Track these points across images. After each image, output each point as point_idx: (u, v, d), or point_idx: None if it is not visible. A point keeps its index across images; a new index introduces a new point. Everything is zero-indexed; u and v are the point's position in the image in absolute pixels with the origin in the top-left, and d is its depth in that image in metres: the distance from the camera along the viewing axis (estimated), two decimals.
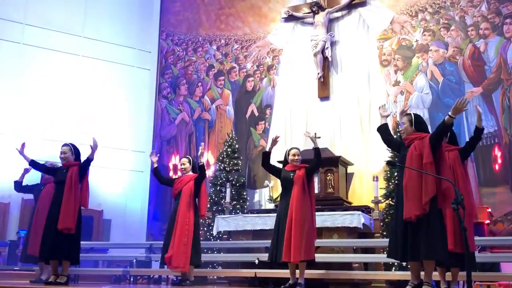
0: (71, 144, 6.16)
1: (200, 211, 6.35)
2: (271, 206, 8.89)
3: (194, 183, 6.31)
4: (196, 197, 6.32)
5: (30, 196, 9.69)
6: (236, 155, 9.90)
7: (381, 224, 7.71)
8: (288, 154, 6.01)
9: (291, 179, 5.79)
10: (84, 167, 6.03)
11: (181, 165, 6.55)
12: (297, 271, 5.68)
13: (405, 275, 5.91)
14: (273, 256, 5.65)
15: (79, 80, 10.95)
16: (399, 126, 5.49)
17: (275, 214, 6.70)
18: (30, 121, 10.33)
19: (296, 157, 5.93)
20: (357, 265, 6.74)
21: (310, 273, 6.03)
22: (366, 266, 7.04)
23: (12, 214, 9.83)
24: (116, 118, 11.20)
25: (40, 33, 10.75)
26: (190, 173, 6.47)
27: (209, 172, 10.24)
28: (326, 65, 9.83)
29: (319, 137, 8.82)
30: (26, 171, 6.93)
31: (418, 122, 4.90)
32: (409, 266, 4.90)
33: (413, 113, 5.06)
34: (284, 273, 6.03)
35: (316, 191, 8.07)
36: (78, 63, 11.02)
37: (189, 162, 6.55)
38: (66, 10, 11.07)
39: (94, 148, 6.05)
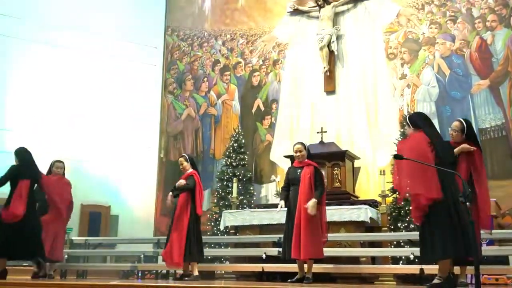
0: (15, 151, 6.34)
1: (197, 210, 6.32)
2: (278, 200, 8.88)
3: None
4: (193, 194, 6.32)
5: None
6: (242, 150, 9.90)
7: (388, 218, 7.70)
8: (293, 150, 5.99)
9: (298, 176, 5.76)
10: None
11: (180, 165, 6.56)
12: (305, 266, 5.69)
13: (413, 269, 5.91)
14: (285, 253, 5.67)
15: (84, 76, 10.96)
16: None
17: (283, 209, 6.75)
18: (35, 117, 10.35)
19: (299, 154, 5.89)
20: (364, 259, 6.74)
21: (318, 267, 6.03)
22: (373, 260, 7.04)
23: None
24: (122, 114, 11.21)
25: (46, 29, 10.75)
26: (190, 170, 6.46)
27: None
28: (332, 59, 9.79)
29: (325, 131, 8.87)
30: None
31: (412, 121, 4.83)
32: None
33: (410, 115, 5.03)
34: (291, 267, 6.04)
35: None
36: (84, 59, 11.02)
37: (186, 160, 6.55)
38: (72, 6, 11.06)
39: None
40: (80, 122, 10.64)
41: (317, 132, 9.01)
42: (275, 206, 7.90)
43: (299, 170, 5.81)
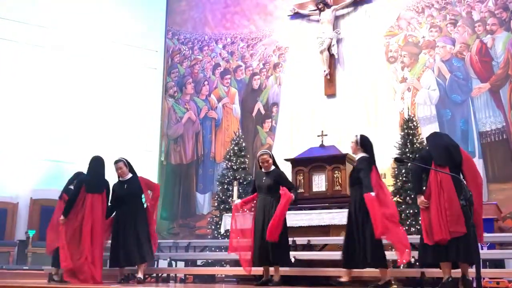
0: None
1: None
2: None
3: None
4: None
5: (39, 196, 9.81)
6: (243, 153, 9.89)
7: None
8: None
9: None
10: None
11: (118, 169, 6.87)
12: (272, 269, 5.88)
13: (414, 272, 5.90)
14: None
15: (85, 79, 10.96)
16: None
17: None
18: (36, 120, 10.35)
19: (266, 164, 6.16)
20: None
21: (318, 270, 6.02)
22: None
23: (20, 214, 9.87)
24: (123, 118, 11.20)
25: (46, 33, 10.77)
26: (130, 175, 6.83)
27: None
28: (332, 62, 9.81)
29: (326, 135, 8.87)
30: None
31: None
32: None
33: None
34: (291, 271, 6.03)
35: (323, 188, 8.10)
36: (84, 62, 11.02)
37: (125, 164, 6.85)
38: (73, 10, 11.08)
39: None
40: (81, 126, 10.63)
41: (318, 135, 8.99)
42: None
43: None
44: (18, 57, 10.47)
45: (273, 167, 6.11)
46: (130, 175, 6.81)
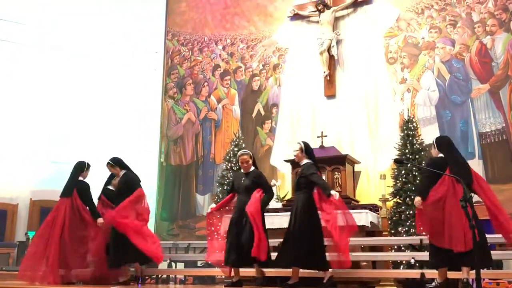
0: None
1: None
2: (279, 205, 8.88)
3: None
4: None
5: (38, 197, 9.82)
6: None
7: (389, 222, 7.69)
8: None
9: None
10: None
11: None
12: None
13: (413, 273, 5.90)
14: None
15: (85, 80, 10.96)
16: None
17: (283, 214, 6.78)
18: (36, 120, 10.35)
19: (245, 164, 6.12)
20: (365, 263, 6.72)
21: (318, 271, 6.02)
22: (374, 264, 7.03)
23: (20, 215, 9.88)
24: (122, 118, 11.20)
25: (46, 33, 10.77)
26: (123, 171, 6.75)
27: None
28: (332, 63, 9.81)
29: (325, 136, 8.88)
30: None
31: None
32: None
33: None
34: (290, 271, 6.02)
35: None
36: (84, 63, 11.03)
37: (112, 166, 6.81)
38: (72, 10, 11.08)
39: None
40: (80, 126, 10.63)
41: (318, 137, 9.01)
42: (275, 210, 7.93)
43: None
44: (17, 57, 10.48)
45: (252, 168, 6.07)
46: (122, 172, 6.79)
